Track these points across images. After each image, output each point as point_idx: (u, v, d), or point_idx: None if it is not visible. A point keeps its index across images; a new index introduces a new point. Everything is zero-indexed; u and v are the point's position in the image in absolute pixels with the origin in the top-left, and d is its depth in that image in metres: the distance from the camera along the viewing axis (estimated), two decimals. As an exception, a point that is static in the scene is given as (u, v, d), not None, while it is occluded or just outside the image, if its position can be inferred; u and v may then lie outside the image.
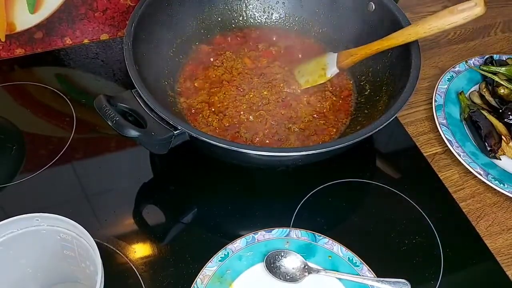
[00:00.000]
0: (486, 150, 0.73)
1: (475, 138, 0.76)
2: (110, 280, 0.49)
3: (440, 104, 0.79)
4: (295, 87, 0.77)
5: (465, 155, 0.73)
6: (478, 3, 0.62)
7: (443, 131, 0.75)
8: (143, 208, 0.68)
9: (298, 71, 0.79)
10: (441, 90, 0.81)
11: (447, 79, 0.82)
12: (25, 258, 0.53)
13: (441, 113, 0.78)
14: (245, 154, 0.59)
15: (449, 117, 0.78)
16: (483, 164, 0.72)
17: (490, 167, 0.72)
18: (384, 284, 0.58)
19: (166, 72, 0.77)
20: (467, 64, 0.85)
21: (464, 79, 0.83)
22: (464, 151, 0.73)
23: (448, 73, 0.83)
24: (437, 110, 0.78)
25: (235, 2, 0.86)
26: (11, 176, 0.70)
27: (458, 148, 0.74)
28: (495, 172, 0.72)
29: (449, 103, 0.80)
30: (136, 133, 0.57)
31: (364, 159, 0.76)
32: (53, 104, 0.80)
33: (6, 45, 0.85)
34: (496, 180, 0.70)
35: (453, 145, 0.74)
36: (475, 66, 0.85)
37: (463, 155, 0.73)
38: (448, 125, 0.77)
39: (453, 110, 0.79)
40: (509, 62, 0.84)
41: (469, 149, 0.74)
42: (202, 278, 0.58)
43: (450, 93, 0.81)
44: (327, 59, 0.77)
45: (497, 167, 0.73)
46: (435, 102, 0.79)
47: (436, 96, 0.80)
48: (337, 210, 0.69)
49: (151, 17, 0.73)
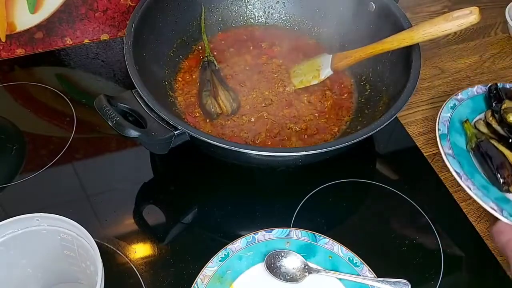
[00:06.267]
0: (498, 183, 0.67)
1: (484, 169, 0.70)
2: (110, 280, 0.49)
3: (444, 133, 0.73)
4: (293, 87, 0.78)
5: (475, 188, 0.67)
6: (473, 11, 0.62)
7: (450, 162, 0.69)
8: (143, 208, 0.68)
9: (293, 71, 0.79)
10: (444, 119, 0.75)
11: (450, 107, 0.77)
12: (25, 258, 0.53)
13: (446, 142, 0.72)
14: (245, 154, 0.60)
15: (455, 147, 0.72)
16: (495, 198, 0.66)
17: (503, 201, 0.66)
18: (385, 284, 0.58)
19: (166, 72, 0.77)
20: (470, 92, 0.79)
21: (468, 108, 0.78)
22: (474, 184, 0.67)
23: (450, 100, 0.78)
24: (441, 140, 0.72)
25: (235, 2, 0.86)
26: (12, 176, 0.70)
27: (468, 181, 0.67)
28: (510, 208, 0.65)
29: (453, 132, 0.74)
30: (136, 133, 0.57)
31: (364, 159, 0.76)
32: (53, 104, 0.80)
33: (7, 45, 0.85)
34: None
35: (462, 177, 0.68)
36: (478, 94, 0.80)
37: (474, 188, 0.67)
38: (454, 155, 0.70)
39: (459, 139, 0.73)
40: None
41: (479, 182, 0.68)
42: (202, 278, 0.58)
43: (454, 121, 0.75)
44: (321, 60, 0.77)
45: (510, 201, 0.67)
46: (439, 131, 0.73)
47: (440, 124, 0.74)
48: (337, 210, 0.69)
49: (151, 17, 0.73)
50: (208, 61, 0.79)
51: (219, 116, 0.74)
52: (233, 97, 0.74)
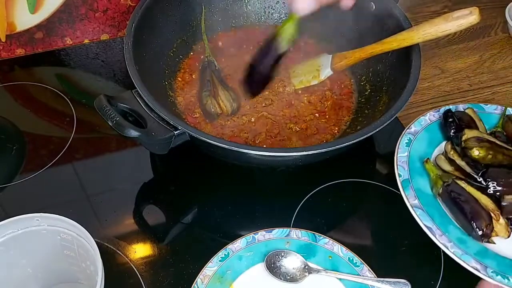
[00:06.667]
0: (476, 234, 0.59)
1: (457, 218, 0.61)
2: (110, 280, 0.49)
3: (406, 179, 0.63)
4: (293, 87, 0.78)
5: (453, 245, 0.58)
6: (473, 11, 0.62)
7: (419, 216, 0.60)
8: (143, 208, 0.68)
9: (293, 71, 0.79)
10: (403, 160, 0.65)
11: (405, 144, 0.67)
12: (25, 258, 0.53)
13: (410, 191, 0.62)
14: (245, 154, 0.60)
15: (420, 196, 0.62)
16: (476, 253, 0.58)
17: (484, 256, 0.58)
18: (385, 284, 0.58)
19: (166, 72, 0.77)
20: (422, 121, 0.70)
21: (424, 141, 0.69)
22: (451, 240, 0.58)
23: (404, 136, 0.68)
24: (404, 188, 0.62)
25: (235, 2, 0.86)
26: (12, 176, 0.70)
27: (442, 237, 0.59)
28: (493, 263, 0.58)
29: (415, 175, 0.64)
30: (136, 133, 0.57)
31: (364, 159, 0.76)
32: (53, 104, 0.80)
33: (7, 45, 0.85)
34: (498, 275, 0.57)
35: (435, 234, 0.59)
36: (432, 122, 0.71)
37: (451, 245, 0.58)
38: (422, 206, 0.61)
39: (422, 183, 0.64)
40: (469, 112, 0.71)
41: (454, 235, 0.59)
42: (202, 278, 0.58)
43: (414, 161, 0.66)
44: (321, 61, 0.77)
45: (492, 254, 0.59)
46: (400, 177, 0.63)
47: (399, 168, 0.64)
48: (337, 210, 0.69)
49: (151, 17, 0.73)
50: (208, 61, 0.79)
51: (219, 116, 0.74)
52: (233, 97, 0.74)
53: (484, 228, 0.58)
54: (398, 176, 0.64)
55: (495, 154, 0.64)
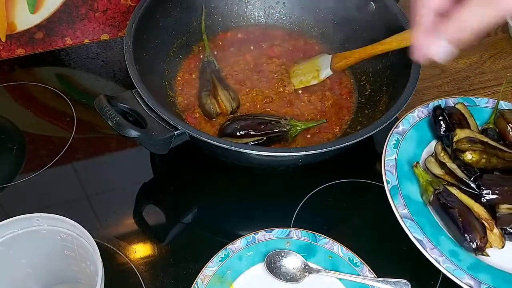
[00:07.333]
0: (468, 246, 0.56)
1: (449, 227, 0.58)
2: (110, 280, 0.49)
3: (395, 186, 0.59)
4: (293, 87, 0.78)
5: (445, 260, 0.55)
6: None
7: (408, 227, 0.56)
8: (143, 208, 0.68)
9: (292, 71, 0.79)
10: (390, 164, 0.61)
11: (393, 145, 0.62)
12: (25, 258, 0.53)
13: (399, 199, 0.58)
14: (245, 154, 0.60)
15: (410, 204, 0.58)
16: (469, 267, 0.55)
17: (478, 269, 0.55)
18: (385, 284, 0.58)
19: (166, 72, 0.77)
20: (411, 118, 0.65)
21: (412, 140, 0.64)
22: (443, 254, 0.55)
23: (392, 136, 0.63)
24: (393, 196, 0.58)
25: (235, 2, 0.86)
26: (12, 176, 0.70)
27: (434, 251, 0.55)
28: (487, 277, 0.54)
29: (404, 180, 0.60)
30: (136, 133, 0.58)
31: (364, 159, 0.75)
32: (53, 104, 0.80)
33: (7, 45, 0.85)
34: None
35: (426, 247, 0.55)
36: (421, 119, 0.66)
37: (443, 260, 0.55)
38: (411, 216, 0.57)
39: (411, 190, 0.60)
40: (459, 108, 0.67)
41: (446, 247, 0.56)
42: (202, 278, 0.58)
43: (402, 165, 0.61)
44: (321, 61, 0.77)
45: (486, 266, 0.56)
46: (388, 184, 0.59)
47: (387, 174, 0.60)
48: (337, 210, 0.69)
49: (151, 17, 0.73)
50: (208, 61, 0.79)
51: (219, 115, 0.74)
52: (233, 97, 0.74)
53: (477, 241, 0.55)
54: (386, 183, 0.60)
55: (488, 158, 0.60)
